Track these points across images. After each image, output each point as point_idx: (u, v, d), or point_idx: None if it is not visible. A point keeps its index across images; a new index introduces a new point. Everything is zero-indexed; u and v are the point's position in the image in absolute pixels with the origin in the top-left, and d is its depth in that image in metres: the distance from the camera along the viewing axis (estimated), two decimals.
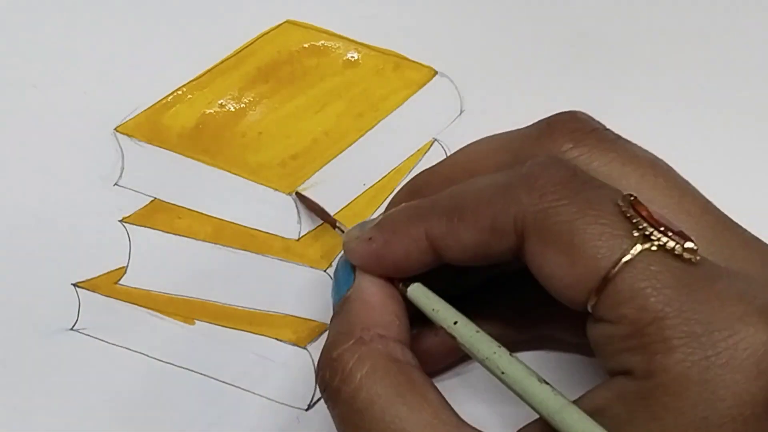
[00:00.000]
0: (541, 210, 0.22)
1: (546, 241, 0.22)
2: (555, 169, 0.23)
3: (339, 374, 0.24)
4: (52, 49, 0.36)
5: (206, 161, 0.33)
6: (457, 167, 0.28)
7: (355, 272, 0.26)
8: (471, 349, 0.24)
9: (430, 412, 0.23)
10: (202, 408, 0.29)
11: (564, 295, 0.23)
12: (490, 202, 0.24)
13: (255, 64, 0.35)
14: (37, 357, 0.30)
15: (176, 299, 0.31)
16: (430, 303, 0.25)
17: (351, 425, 0.24)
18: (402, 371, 0.24)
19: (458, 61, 0.36)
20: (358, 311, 0.25)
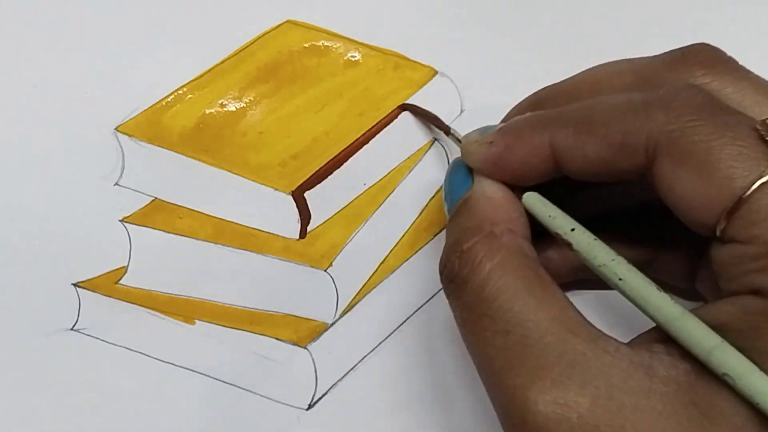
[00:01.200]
0: (677, 129, 0.22)
1: (679, 160, 0.22)
2: (692, 92, 0.23)
3: (469, 264, 0.24)
4: (52, 49, 0.36)
5: (207, 161, 0.33)
6: (584, 85, 0.27)
7: (473, 176, 0.26)
8: (587, 256, 0.24)
9: (558, 308, 0.23)
10: (202, 408, 0.29)
11: (693, 217, 0.23)
12: (623, 118, 0.23)
13: (255, 64, 0.35)
14: (37, 357, 0.30)
15: (176, 299, 0.31)
16: (547, 210, 0.25)
17: (476, 314, 0.24)
18: (530, 267, 0.24)
19: (458, 61, 0.36)
20: (484, 207, 0.26)
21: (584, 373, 0.22)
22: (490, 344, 0.23)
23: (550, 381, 0.22)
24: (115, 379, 0.30)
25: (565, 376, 0.22)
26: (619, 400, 0.21)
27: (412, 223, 0.33)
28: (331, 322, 0.31)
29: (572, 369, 0.22)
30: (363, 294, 0.32)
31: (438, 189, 0.34)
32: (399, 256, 0.32)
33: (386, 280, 0.32)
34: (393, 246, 0.32)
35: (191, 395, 0.30)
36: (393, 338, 0.31)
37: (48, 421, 0.29)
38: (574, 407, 0.22)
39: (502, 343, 0.23)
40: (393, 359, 0.31)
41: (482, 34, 0.37)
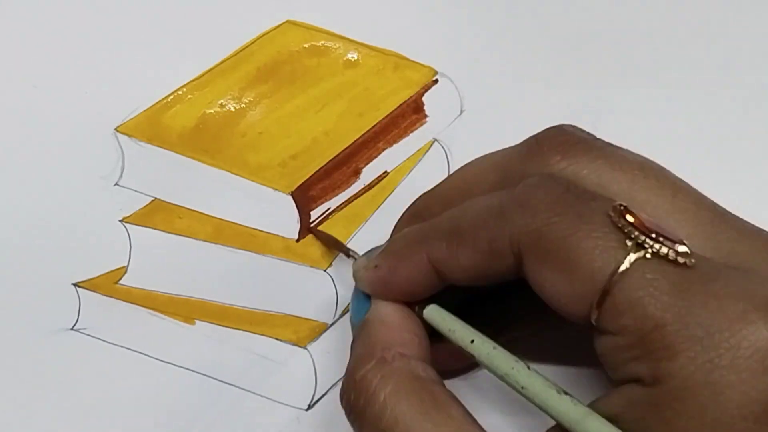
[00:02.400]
0: (534, 230, 0.23)
1: (542, 259, 0.23)
2: (545, 186, 0.23)
3: (363, 395, 0.24)
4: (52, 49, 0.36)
5: (206, 161, 0.33)
6: (454, 189, 0.28)
7: (371, 299, 0.27)
8: (489, 366, 0.24)
9: (454, 427, 0.23)
10: (202, 408, 0.29)
11: (566, 311, 0.23)
12: (486, 225, 0.24)
13: (255, 64, 0.35)
14: (37, 357, 0.30)
15: (176, 299, 0.31)
16: (446, 324, 0.26)
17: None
18: (425, 388, 0.24)
19: (458, 61, 0.36)
20: (377, 332, 0.26)
21: None
22: None
23: None
24: (115, 379, 0.30)
25: None
26: None
27: None
28: (331, 322, 0.31)
29: None
30: None
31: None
32: None
33: None
34: None
35: (191, 395, 0.30)
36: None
37: (48, 421, 0.29)
38: None
39: None
40: None
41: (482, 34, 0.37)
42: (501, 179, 0.26)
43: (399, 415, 0.23)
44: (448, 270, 0.25)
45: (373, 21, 0.37)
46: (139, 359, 0.30)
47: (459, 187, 0.28)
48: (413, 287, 0.26)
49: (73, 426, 0.29)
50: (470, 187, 0.27)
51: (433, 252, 0.25)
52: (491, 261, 0.24)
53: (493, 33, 0.37)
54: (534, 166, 0.25)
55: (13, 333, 0.30)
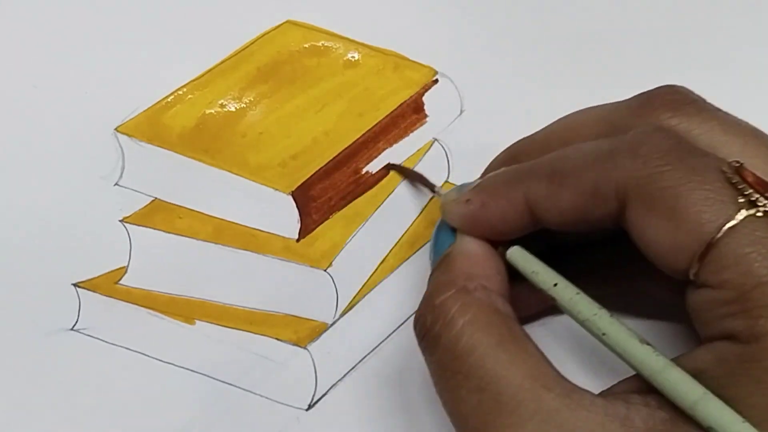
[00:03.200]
0: (645, 175, 0.23)
1: (649, 206, 0.22)
2: (659, 137, 0.23)
3: (441, 320, 0.24)
4: (52, 49, 0.36)
5: (206, 161, 0.33)
6: (555, 136, 0.28)
7: (456, 233, 0.27)
8: (571, 311, 0.24)
9: (530, 364, 0.23)
10: (202, 408, 0.29)
11: (665, 262, 0.23)
12: (593, 167, 0.24)
13: (255, 64, 0.35)
14: (37, 357, 0.30)
15: (176, 299, 0.31)
16: (530, 265, 0.26)
17: (449, 370, 0.24)
18: (504, 322, 0.24)
19: (458, 61, 0.36)
20: (461, 263, 0.26)
21: (559, 429, 0.22)
22: (465, 402, 0.23)
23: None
24: (115, 379, 0.30)
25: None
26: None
27: (412, 223, 0.33)
28: (331, 322, 0.31)
29: (547, 426, 0.22)
30: (363, 294, 0.32)
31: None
32: (399, 256, 0.32)
33: (386, 280, 0.32)
34: (393, 246, 0.32)
35: (191, 395, 0.30)
36: (393, 338, 0.31)
37: (48, 421, 0.29)
38: None
39: (477, 401, 0.23)
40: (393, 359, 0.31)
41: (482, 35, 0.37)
42: (606, 131, 0.26)
43: (476, 343, 0.23)
44: (545, 211, 0.25)
45: (373, 21, 0.37)
46: (139, 359, 0.30)
47: (561, 135, 0.27)
48: (503, 226, 0.26)
49: (73, 426, 0.29)
50: (573, 135, 0.27)
51: (532, 191, 0.25)
52: (593, 205, 0.24)
53: (493, 33, 0.37)
54: (644, 120, 0.25)
55: (13, 333, 0.30)
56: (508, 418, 0.22)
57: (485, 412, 0.23)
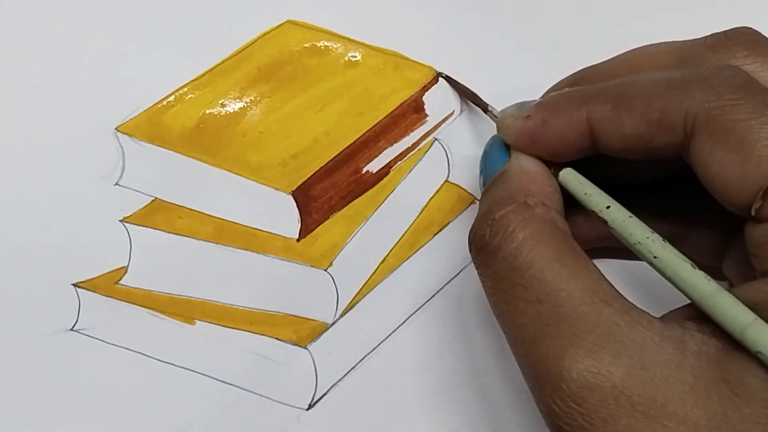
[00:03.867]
0: (716, 107, 0.22)
1: (717, 138, 0.22)
2: (732, 72, 0.23)
3: (501, 233, 0.24)
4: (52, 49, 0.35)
5: (207, 161, 0.33)
6: (625, 64, 0.27)
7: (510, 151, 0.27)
8: (623, 234, 0.24)
9: (591, 279, 0.23)
10: (202, 408, 0.29)
11: (729, 195, 0.22)
12: (663, 95, 0.23)
13: (256, 64, 0.35)
14: (37, 357, 0.30)
15: (176, 299, 0.31)
16: (583, 187, 0.26)
17: (508, 282, 0.24)
18: (564, 239, 0.24)
19: (458, 61, 0.36)
20: (520, 179, 0.26)
21: (618, 343, 0.22)
22: (523, 313, 0.23)
23: (584, 350, 0.22)
24: (115, 379, 0.30)
25: (599, 345, 0.22)
26: (651, 371, 0.22)
27: (412, 223, 0.33)
28: (331, 322, 0.31)
29: (606, 339, 0.22)
30: (363, 294, 0.32)
31: (438, 189, 0.34)
32: (399, 256, 0.32)
33: (386, 279, 0.32)
34: (393, 246, 0.32)
35: (191, 395, 0.30)
36: (393, 338, 0.31)
37: (48, 421, 0.29)
38: (607, 376, 0.22)
39: (535, 312, 0.23)
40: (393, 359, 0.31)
41: (482, 34, 0.37)
42: (678, 63, 0.26)
43: (536, 257, 0.23)
44: (607, 134, 0.24)
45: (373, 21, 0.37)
46: (139, 359, 0.30)
47: (630, 63, 0.27)
48: (562, 145, 0.25)
49: (73, 426, 0.29)
50: (642, 65, 0.27)
51: (596, 112, 0.24)
52: (658, 132, 0.23)
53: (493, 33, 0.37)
54: (718, 57, 0.25)
55: (13, 333, 0.30)
56: (568, 329, 0.22)
57: (544, 323, 0.23)
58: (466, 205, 0.34)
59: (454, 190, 0.34)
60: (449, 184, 0.34)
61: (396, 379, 0.30)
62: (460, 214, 0.34)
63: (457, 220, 0.33)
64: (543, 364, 0.22)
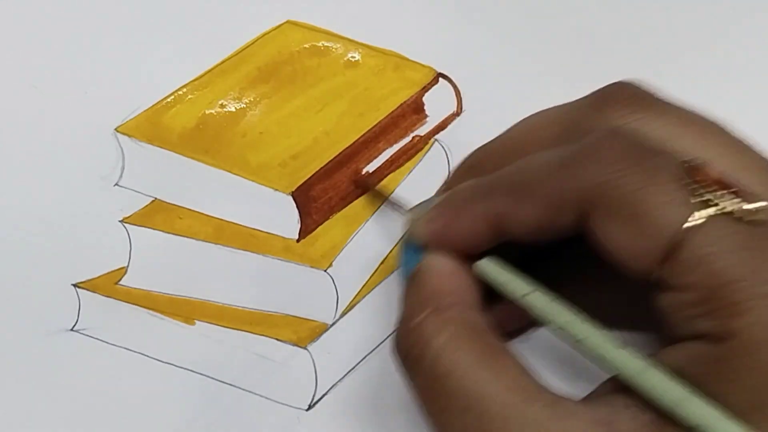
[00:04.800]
0: (603, 182, 0.22)
1: (609, 212, 0.22)
2: (616, 139, 0.23)
3: (419, 344, 0.24)
4: (52, 49, 0.36)
5: (207, 161, 0.33)
6: (514, 142, 0.28)
7: (423, 250, 0.27)
8: (544, 320, 0.24)
9: (511, 377, 0.23)
10: (202, 408, 0.29)
11: (630, 266, 0.22)
12: (555, 177, 0.23)
13: (256, 65, 0.35)
14: (37, 357, 0.30)
15: (176, 299, 0.31)
16: (499, 277, 0.25)
17: (432, 392, 0.23)
18: (481, 337, 0.24)
19: (458, 61, 0.36)
20: (431, 281, 0.26)
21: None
22: (451, 424, 0.23)
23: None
24: (115, 379, 0.30)
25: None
26: None
27: None
28: (331, 323, 0.31)
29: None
30: (363, 294, 0.32)
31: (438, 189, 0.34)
32: None
33: (386, 280, 0.32)
34: (393, 246, 0.32)
35: (191, 395, 0.30)
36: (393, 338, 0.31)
37: (48, 421, 0.29)
38: None
39: (463, 422, 0.23)
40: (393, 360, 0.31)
41: (482, 35, 0.37)
42: (562, 133, 0.26)
43: (455, 363, 0.23)
44: (510, 224, 0.24)
45: (373, 21, 0.37)
46: (139, 360, 0.30)
47: (518, 141, 0.27)
48: (470, 241, 0.25)
49: (73, 426, 0.29)
50: (530, 140, 0.27)
51: (496, 206, 0.25)
52: (556, 215, 0.24)
53: (493, 33, 0.37)
54: (598, 120, 0.25)
55: (13, 333, 0.30)
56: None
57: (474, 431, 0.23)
58: None
59: None
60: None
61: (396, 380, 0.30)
62: None
63: None
64: None
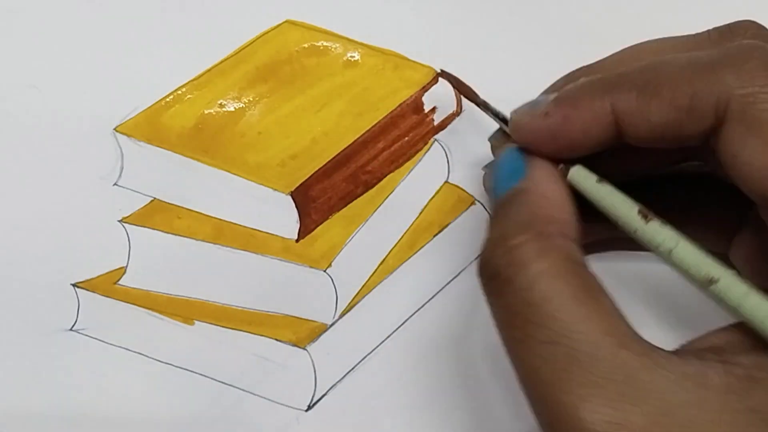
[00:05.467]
0: (749, 93, 0.21)
1: (749, 126, 0.21)
2: (762, 51, 0.22)
3: (515, 263, 0.23)
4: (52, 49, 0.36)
5: (206, 161, 0.33)
6: (632, 57, 0.26)
7: (526, 163, 0.25)
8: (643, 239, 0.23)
9: (608, 320, 0.22)
10: (202, 408, 0.29)
11: (757, 185, 0.22)
12: (691, 80, 0.22)
13: (255, 64, 0.35)
14: (37, 357, 0.30)
15: (176, 299, 0.31)
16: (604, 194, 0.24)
17: (519, 318, 0.22)
18: (581, 274, 0.23)
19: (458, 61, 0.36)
20: (539, 204, 0.24)
21: (637, 390, 0.21)
22: (535, 354, 0.22)
23: (602, 398, 0.21)
24: (114, 379, 0.30)
25: (617, 393, 0.21)
26: (674, 415, 0.21)
27: (412, 223, 0.33)
28: (330, 323, 0.31)
29: (625, 386, 0.21)
30: (362, 294, 0.32)
31: (437, 190, 0.34)
32: (398, 257, 0.32)
33: (386, 280, 0.32)
34: (393, 246, 0.32)
35: (191, 395, 0.30)
36: (392, 339, 0.31)
37: (47, 421, 0.29)
38: (628, 426, 0.21)
39: (549, 354, 0.22)
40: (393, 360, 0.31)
41: (482, 34, 0.37)
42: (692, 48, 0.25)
43: (552, 293, 0.22)
44: (634, 124, 0.23)
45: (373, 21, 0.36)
46: (138, 359, 0.30)
47: (640, 56, 0.26)
48: (583, 141, 0.24)
49: (72, 426, 0.29)
50: (660, 51, 0.25)
51: (621, 101, 0.23)
52: (687, 119, 0.22)
53: (493, 33, 0.37)
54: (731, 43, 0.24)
55: (13, 333, 0.30)
56: (584, 375, 0.21)
57: (559, 367, 0.21)
58: (466, 206, 0.34)
59: (453, 191, 0.34)
60: (449, 185, 0.33)
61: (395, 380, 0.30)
62: (460, 215, 0.33)
63: (456, 222, 0.33)
64: (558, 412, 0.21)
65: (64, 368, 0.30)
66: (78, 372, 0.30)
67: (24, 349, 0.30)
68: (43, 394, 0.29)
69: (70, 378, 0.30)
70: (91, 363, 0.30)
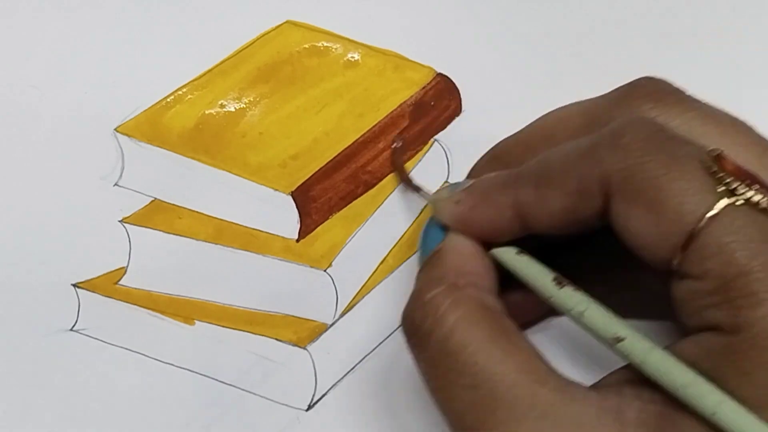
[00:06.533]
0: (625, 168, 0.22)
1: (631, 199, 0.22)
2: (639, 126, 0.23)
3: (431, 317, 0.24)
4: (52, 49, 0.36)
5: (206, 161, 0.33)
6: (538, 134, 0.28)
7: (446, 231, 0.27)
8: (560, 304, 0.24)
9: (523, 358, 0.23)
10: (202, 408, 0.29)
11: (649, 253, 0.23)
12: (576, 165, 0.24)
13: (255, 65, 0.35)
14: (37, 357, 0.30)
15: (176, 299, 0.31)
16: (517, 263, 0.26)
17: (441, 368, 0.23)
18: (495, 318, 0.24)
19: (458, 61, 0.36)
20: (451, 259, 0.26)
21: (554, 425, 0.22)
22: (459, 400, 0.23)
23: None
24: (114, 379, 0.30)
25: (536, 429, 0.22)
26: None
27: (412, 223, 0.33)
28: (330, 323, 0.31)
29: (543, 421, 0.22)
30: (363, 294, 0.32)
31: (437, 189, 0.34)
32: (398, 256, 0.32)
33: (386, 280, 0.32)
34: (392, 246, 0.32)
35: (191, 395, 0.30)
36: (393, 338, 0.31)
37: (47, 421, 0.29)
38: None
39: (471, 399, 0.23)
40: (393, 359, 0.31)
41: (482, 35, 0.37)
42: (587, 124, 0.26)
43: (468, 339, 0.23)
44: (535, 216, 0.25)
45: (373, 21, 0.37)
46: (138, 360, 0.30)
47: (543, 132, 0.27)
48: (494, 229, 0.26)
49: (72, 426, 0.29)
50: (554, 132, 0.27)
51: (521, 196, 0.25)
52: (580, 203, 0.24)
53: (493, 33, 0.37)
54: (623, 113, 0.25)
55: (13, 333, 0.30)
56: (504, 414, 0.22)
57: (480, 410, 0.23)
58: None
59: None
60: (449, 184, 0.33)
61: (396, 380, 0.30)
62: None
63: None
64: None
65: (64, 368, 0.30)
66: (78, 372, 0.30)
67: (24, 349, 0.30)
68: (43, 394, 0.29)
69: (71, 378, 0.30)
70: (92, 363, 0.30)
